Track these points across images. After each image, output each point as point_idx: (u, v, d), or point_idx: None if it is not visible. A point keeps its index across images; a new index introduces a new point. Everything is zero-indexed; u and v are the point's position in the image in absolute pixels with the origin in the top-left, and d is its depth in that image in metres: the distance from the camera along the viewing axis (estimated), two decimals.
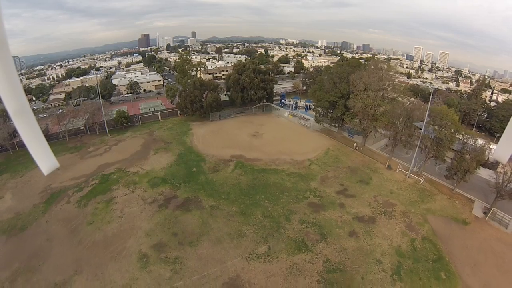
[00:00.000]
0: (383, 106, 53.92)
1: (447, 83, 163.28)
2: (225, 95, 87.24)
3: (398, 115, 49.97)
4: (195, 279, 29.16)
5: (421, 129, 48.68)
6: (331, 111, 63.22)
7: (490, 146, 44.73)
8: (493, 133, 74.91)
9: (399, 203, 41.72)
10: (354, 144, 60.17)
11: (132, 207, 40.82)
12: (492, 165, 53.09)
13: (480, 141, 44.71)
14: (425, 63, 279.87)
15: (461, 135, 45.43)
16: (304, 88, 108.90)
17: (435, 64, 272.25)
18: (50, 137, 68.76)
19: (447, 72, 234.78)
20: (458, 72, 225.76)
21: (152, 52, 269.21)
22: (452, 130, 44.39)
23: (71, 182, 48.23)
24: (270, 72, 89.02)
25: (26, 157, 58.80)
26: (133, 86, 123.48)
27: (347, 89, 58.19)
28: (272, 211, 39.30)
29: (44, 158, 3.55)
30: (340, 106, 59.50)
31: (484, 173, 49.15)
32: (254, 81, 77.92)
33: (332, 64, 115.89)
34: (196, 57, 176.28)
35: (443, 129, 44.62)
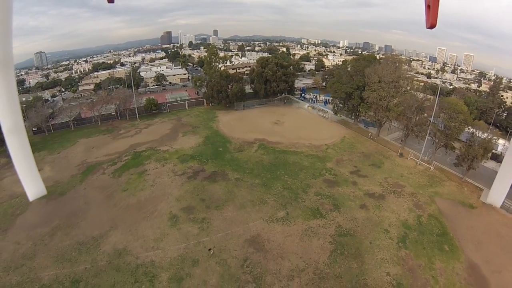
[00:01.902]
0: (396, 98, 57.16)
1: (468, 84, 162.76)
2: (249, 88, 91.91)
3: (410, 105, 53.12)
4: (220, 236, 33.62)
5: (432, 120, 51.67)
6: (348, 103, 66.88)
7: (497, 139, 47.20)
8: (510, 130, 76.55)
9: (408, 185, 44.83)
10: (369, 134, 63.73)
11: (163, 178, 45.83)
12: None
13: (485, 134, 46.43)
14: (449, 65, 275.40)
15: (469, 126, 48.12)
16: (324, 84, 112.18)
17: (459, 66, 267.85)
18: (83, 121, 75.67)
19: (470, 75, 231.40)
20: (482, 75, 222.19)
21: (176, 48, 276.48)
22: (461, 119, 47.05)
23: (105, 158, 53.71)
24: (292, 67, 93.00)
25: (61, 137, 65.27)
26: (159, 78, 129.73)
27: (362, 82, 61.89)
28: (291, 184, 43.73)
29: (32, 184, 3.57)
30: (356, 97, 63.35)
31: (495, 165, 50.75)
32: (276, 74, 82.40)
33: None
34: (220, 53, 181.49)
35: (452, 119, 47.46)
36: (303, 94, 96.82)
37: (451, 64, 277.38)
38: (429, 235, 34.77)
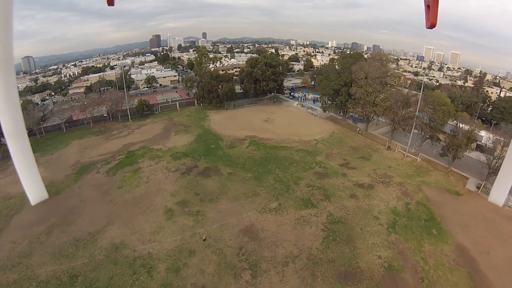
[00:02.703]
0: (382, 94, 58.85)
1: (454, 81, 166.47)
2: (239, 88, 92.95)
3: (396, 100, 54.77)
4: (215, 227, 34.46)
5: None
6: (336, 99, 68.39)
7: (478, 130, 49.31)
8: (494, 123, 78.94)
9: (396, 175, 46.30)
10: (358, 129, 65.28)
11: (157, 174, 46.48)
12: (489, 150, 57.04)
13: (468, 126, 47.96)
14: (436, 64, 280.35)
15: (452, 117, 49.91)
16: (313, 83, 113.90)
17: (446, 64, 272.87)
18: (75, 124, 75.68)
19: (457, 72, 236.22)
20: (468, 72, 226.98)
21: (166, 51, 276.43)
22: (444, 110, 48.76)
23: (99, 157, 53.96)
24: (280, 67, 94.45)
25: (53, 140, 65.30)
26: (150, 81, 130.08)
27: (349, 78, 63.45)
28: (282, 177, 44.81)
29: (34, 188, 4.30)
30: (343, 93, 64.95)
31: (481, 157, 52.29)
32: (265, 74, 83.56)
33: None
34: (210, 55, 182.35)
35: (436, 111, 49.14)
36: (292, 93, 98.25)
37: (438, 63, 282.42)
38: (417, 220, 35.99)
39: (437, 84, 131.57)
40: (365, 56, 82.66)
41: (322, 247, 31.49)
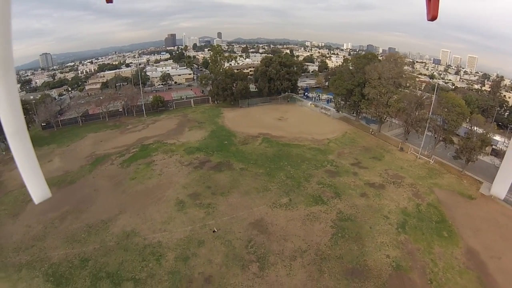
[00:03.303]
0: (396, 95, 58.42)
1: (471, 85, 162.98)
2: (254, 88, 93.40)
3: (410, 101, 54.31)
4: (225, 219, 35.01)
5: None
6: (349, 100, 68.27)
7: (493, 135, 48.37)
8: (511, 127, 77.44)
9: (408, 177, 45.83)
10: (370, 130, 64.92)
11: (170, 167, 47.37)
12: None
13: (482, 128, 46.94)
14: (452, 67, 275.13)
15: (467, 119, 49.19)
16: (327, 83, 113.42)
17: (463, 68, 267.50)
18: (91, 118, 77.50)
19: (474, 76, 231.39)
20: (486, 76, 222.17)
21: (181, 50, 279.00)
22: (458, 112, 48.07)
23: (114, 150, 55.43)
24: (295, 66, 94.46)
25: (70, 132, 67.06)
26: (165, 78, 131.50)
27: (363, 78, 63.27)
28: (293, 174, 45.07)
29: (37, 186, 3.52)
30: (357, 93, 64.81)
31: (496, 161, 50.65)
32: (280, 73, 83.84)
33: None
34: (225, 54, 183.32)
35: (450, 112, 48.51)
36: (306, 93, 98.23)
37: (455, 66, 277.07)
38: (428, 222, 35.57)
39: (453, 87, 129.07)
40: (380, 58, 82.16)
41: (330, 243, 31.59)
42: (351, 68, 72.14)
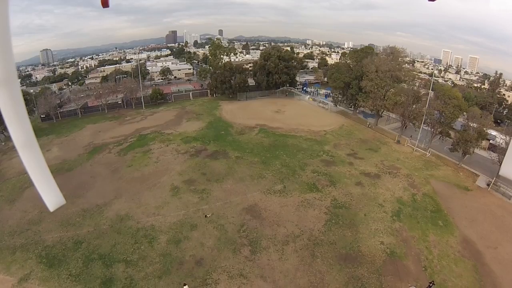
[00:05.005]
0: (393, 88, 58.49)
1: (471, 84, 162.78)
2: (253, 82, 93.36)
3: (407, 94, 54.30)
4: (219, 204, 35.09)
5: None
6: (347, 93, 68.37)
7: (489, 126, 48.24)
8: (507, 123, 77.35)
9: (404, 168, 45.72)
10: (367, 123, 64.90)
11: (167, 155, 47.51)
12: (502, 150, 55.88)
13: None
14: (453, 67, 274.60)
15: (463, 112, 49.07)
16: (325, 79, 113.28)
17: (464, 68, 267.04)
18: (90, 110, 77.52)
19: (474, 76, 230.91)
20: (486, 76, 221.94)
21: (181, 46, 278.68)
22: (455, 104, 48.01)
23: (112, 140, 55.55)
24: (294, 60, 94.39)
25: (69, 124, 67.20)
26: (165, 72, 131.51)
27: (360, 71, 63.46)
28: (289, 162, 45.09)
29: (51, 194, 3.61)
30: (354, 86, 64.94)
31: (493, 156, 51.36)
32: (278, 67, 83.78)
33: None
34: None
35: (446, 104, 48.45)
36: (304, 88, 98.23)
37: (456, 67, 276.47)
38: (423, 211, 35.50)
39: (452, 85, 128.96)
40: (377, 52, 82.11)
41: (324, 229, 31.56)
42: (348, 61, 72.06)
